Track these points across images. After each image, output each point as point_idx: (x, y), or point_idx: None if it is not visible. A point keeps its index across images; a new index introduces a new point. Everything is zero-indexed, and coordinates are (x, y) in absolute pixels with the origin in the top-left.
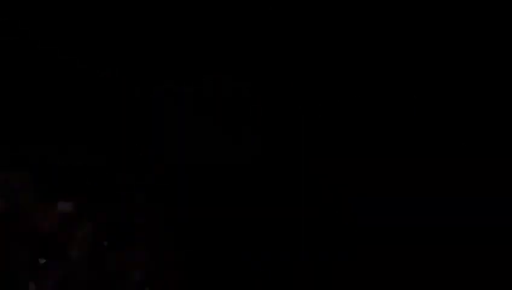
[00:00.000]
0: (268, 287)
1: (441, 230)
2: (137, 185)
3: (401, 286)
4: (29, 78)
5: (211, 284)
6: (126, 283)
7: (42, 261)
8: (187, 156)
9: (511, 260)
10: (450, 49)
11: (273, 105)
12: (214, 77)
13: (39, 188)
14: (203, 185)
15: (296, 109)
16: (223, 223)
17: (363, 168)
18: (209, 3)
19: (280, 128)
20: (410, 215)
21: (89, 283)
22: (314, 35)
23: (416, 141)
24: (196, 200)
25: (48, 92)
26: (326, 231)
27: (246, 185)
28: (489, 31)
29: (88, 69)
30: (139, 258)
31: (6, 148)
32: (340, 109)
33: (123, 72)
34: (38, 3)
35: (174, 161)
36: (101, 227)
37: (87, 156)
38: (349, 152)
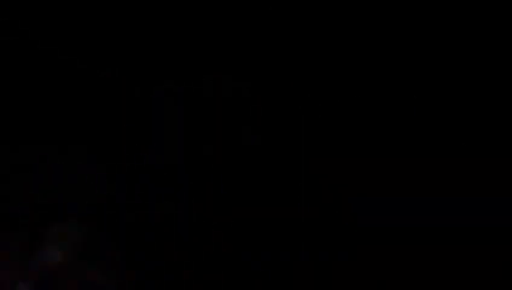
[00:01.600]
0: (268, 287)
1: (441, 230)
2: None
3: (401, 286)
4: (29, 78)
5: (211, 284)
6: None
7: None
8: (187, 156)
9: (511, 260)
10: (449, 49)
11: (273, 105)
12: (214, 77)
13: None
14: (203, 185)
15: (296, 109)
16: (223, 223)
17: (363, 168)
18: (209, 3)
19: (280, 128)
20: (410, 215)
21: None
22: (314, 35)
23: (416, 141)
24: (196, 200)
25: (47, 92)
26: (326, 231)
27: (246, 185)
28: (489, 31)
29: (88, 69)
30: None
31: (6, 148)
32: (340, 109)
33: (123, 72)
34: (38, 3)
35: (174, 161)
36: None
37: (87, 156)
38: (349, 152)
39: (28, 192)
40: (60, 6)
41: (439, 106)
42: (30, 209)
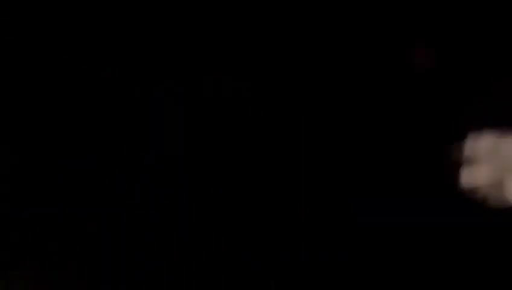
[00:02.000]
0: (268, 287)
1: (441, 230)
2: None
3: (401, 286)
4: (29, 78)
5: (211, 284)
6: None
7: None
8: (187, 156)
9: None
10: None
11: (273, 105)
12: (214, 77)
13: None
14: (203, 185)
15: (296, 109)
16: (223, 223)
17: (363, 168)
18: (209, 3)
19: (280, 128)
20: (410, 215)
21: None
22: (314, 35)
23: (417, 140)
24: (196, 200)
25: (47, 92)
26: (326, 231)
27: (246, 185)
28: None
29: (88, 69)
30: None
31: (6, 148)
32: (340, 109)
33: (123, 72)
34: (38, 3)
35: (174, 161)
36: None
37: (87, 156)
38: (349, 152)
39: (27, 192)
40: (60, 6)
41: (438, 105)
42: (30, 209)
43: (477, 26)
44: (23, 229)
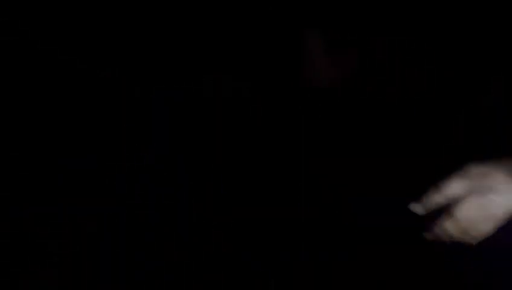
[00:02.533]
0: (268, 287)
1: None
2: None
3: (401, 286)
4: (29, 78)
5: (211, 284)
6: None
7: None
8: (187, 156)
9: None
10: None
11: (273, 105)
12: (214, 77)
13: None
14: (203, 185)
15: (296, 109)
16: (223, 223)
17: (363, 168)
18: (209, 3)
19: (280, 128)
20: (409, 216)
21: None
22: (313, 36)
23: (417, 141)
24: (196, 200)
25: (47, 92)
26: (326, 231)
27: (246, 185)
28: None
29: (88, 69)
30: None
31: (6, 148)
32: (340, 109)
33: (123, 72)
34: (38, 3)
35: (174, 161)
36: None
37: (87, 156)
38: (349, 152)
39: (27, 192)
40: (60, 6)
41: (436, 107)
42: (30, 209)
43: (477, 26)
44: (23, 229)
